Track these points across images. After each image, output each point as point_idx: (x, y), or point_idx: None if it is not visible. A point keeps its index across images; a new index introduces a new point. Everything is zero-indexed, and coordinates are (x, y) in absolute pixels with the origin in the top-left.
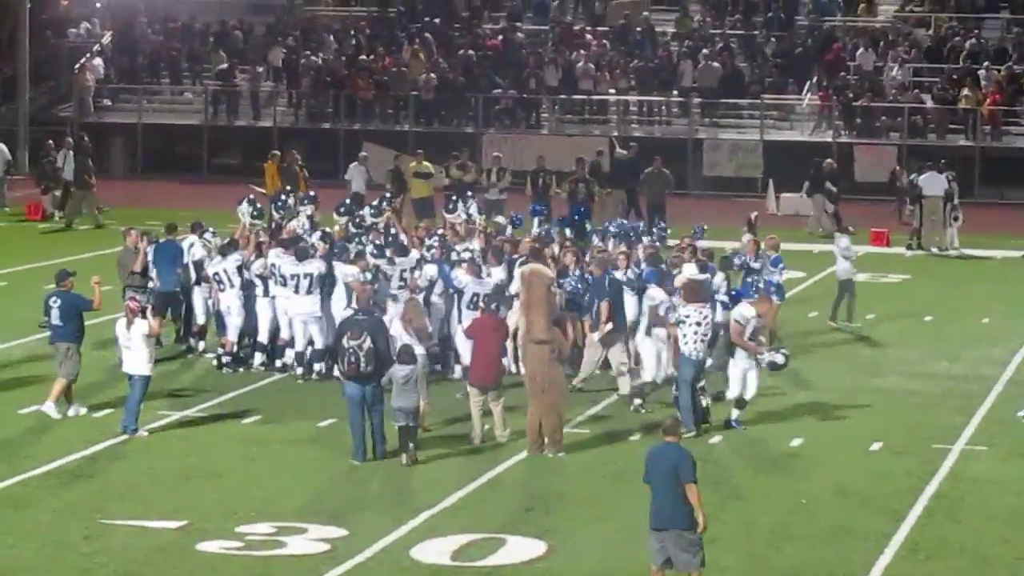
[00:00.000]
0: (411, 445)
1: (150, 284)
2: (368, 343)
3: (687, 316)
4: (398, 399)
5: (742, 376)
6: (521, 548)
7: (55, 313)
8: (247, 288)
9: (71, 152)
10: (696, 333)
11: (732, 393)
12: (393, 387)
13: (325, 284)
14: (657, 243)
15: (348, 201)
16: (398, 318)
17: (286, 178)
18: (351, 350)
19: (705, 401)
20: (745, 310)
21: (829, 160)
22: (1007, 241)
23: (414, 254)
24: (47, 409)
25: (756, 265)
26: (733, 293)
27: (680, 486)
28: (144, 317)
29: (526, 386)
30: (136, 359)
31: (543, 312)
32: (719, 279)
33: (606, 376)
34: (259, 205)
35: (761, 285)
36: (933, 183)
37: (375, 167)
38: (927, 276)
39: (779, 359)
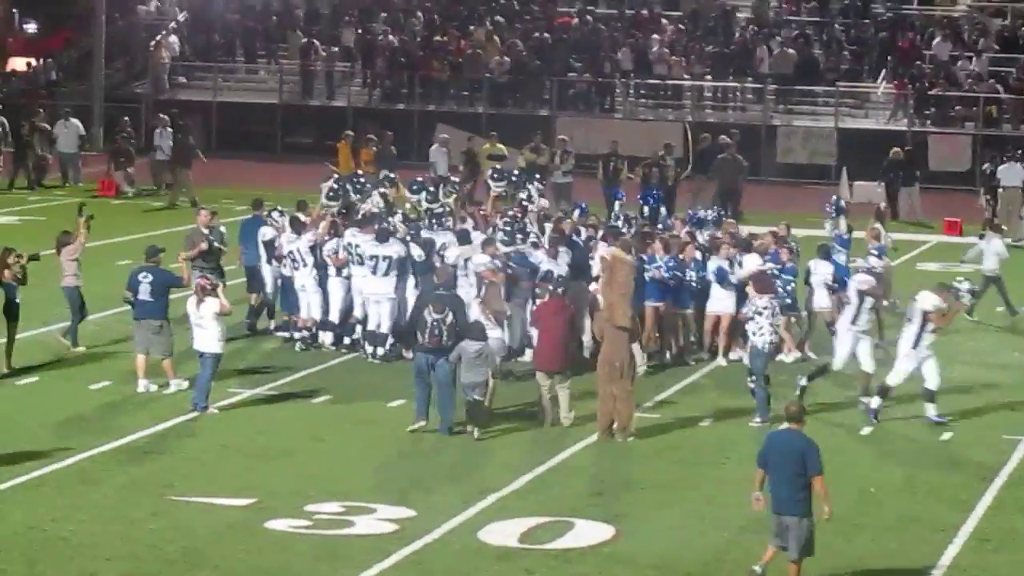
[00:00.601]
0: (481, 419)
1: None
2: (451, 317)
3: (764, 308)
4: (468, 374)
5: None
6: (589, 532)
7: (145, 288)
8: (320, 268)
9: (168, 129)
10: (771, 324)
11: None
12: (463, 362)
13: (403, 266)
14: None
15: (421, 180)
16: (476, 301)
17: (382, 160)
18: (435, 323)
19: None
20: (933, 299)
21: (897, 149)
22: None
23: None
24: (143, 387)
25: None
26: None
27: (800, 474)
28: (215, 295)
29: (599, 370)
30: (207, 337)
31: (626, 298)
32: (824, 265)
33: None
34: (336, 186)
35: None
36: (1011, 173)
37: (453, 149)
38: (1001, 267)
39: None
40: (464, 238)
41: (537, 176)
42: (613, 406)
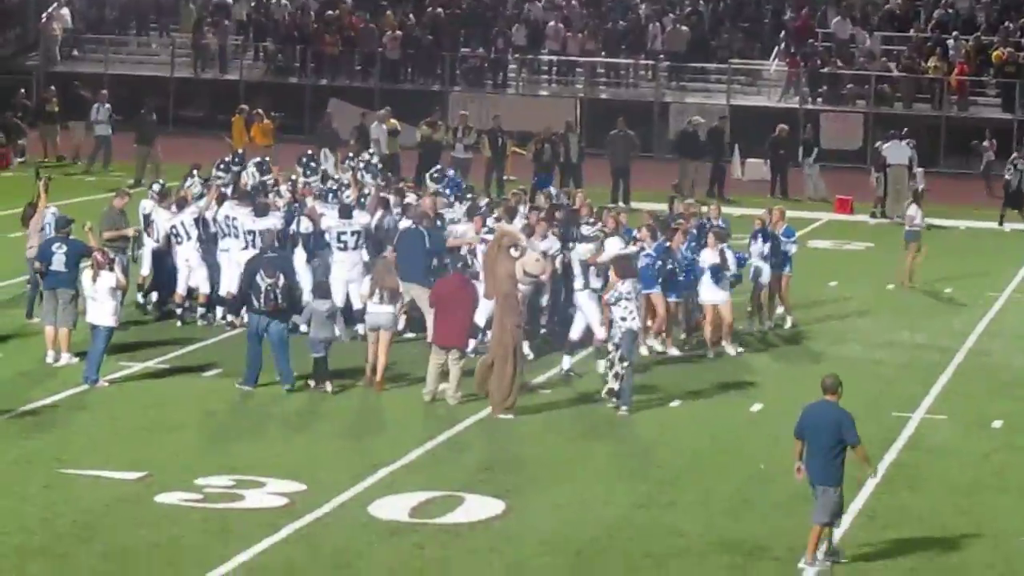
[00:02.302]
0: (327, 374)
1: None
2: (283, 280)
3: (629, 292)
4: (318, 331)
5: None
6: (479, 507)
7: (59, 259)
8: (207, 242)
9: (107, 105)
10: (637, 308)
11: None
12: (313, 321)
13: (284, 240)
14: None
15: (310, 152)
16: (368, 277)
17: (322, 139)
18: (268, 288)
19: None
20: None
21: (783, 126)
22: (971, 212)
23: (361, 216)
24: (64, 360)
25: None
26: (738, 257)
27: (834, 444)
28: (111, 270)
29: (494, 349)
30: (101, 310)
31: (495, 273)
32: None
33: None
34: (228, 160)
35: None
36: (897, 152)
37: (344, 124)
38: (890, 245)
39: None
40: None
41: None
42: (487, 377)
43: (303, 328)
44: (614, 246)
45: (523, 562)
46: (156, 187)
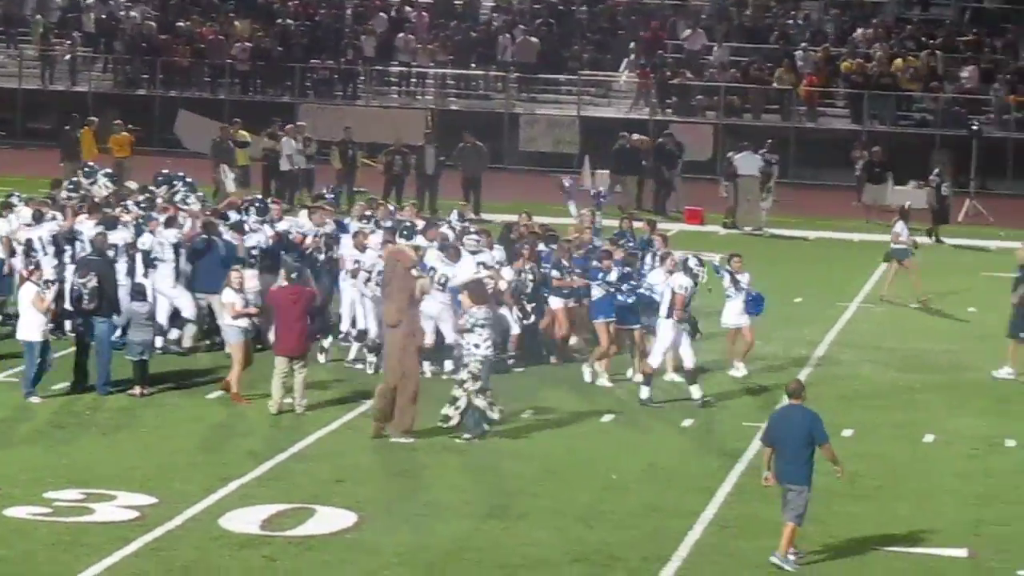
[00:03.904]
0: (146, 378)
1: None
2: (93, 282)
3: (484, 319)
4: (136, 333)
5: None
6: (331, 518)
7: None
8: (59, 255)
9: None
10: (491, 336)
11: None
12: (131, 324)
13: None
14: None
15: (166, 171)
16: (228, 285)
17: (218, 152)
18: (77, 287)
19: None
20: (683, 280)
21: (624, 134)
22: (821, 222)
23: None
24: None
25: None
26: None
27: (806, 446)
28: (36, 283)
29: (385, 370)
30: (24, 325)
31: (400, 296)
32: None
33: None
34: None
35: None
36: (748, 162)
37: (193, 136)
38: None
39: None
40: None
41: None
42: (393, 403)
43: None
44: (468, 270)
45: (375, 573)
46: (14, 199)
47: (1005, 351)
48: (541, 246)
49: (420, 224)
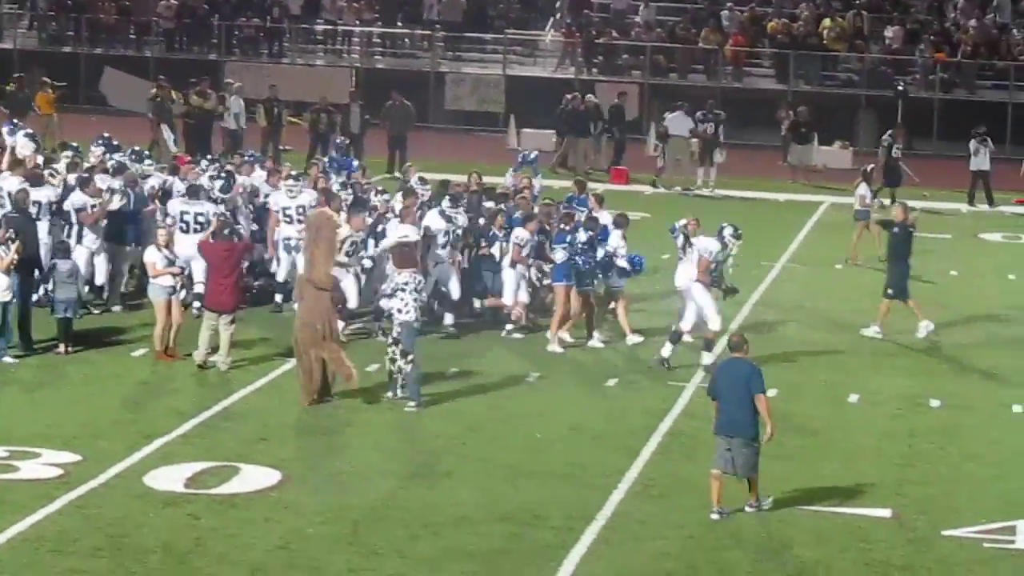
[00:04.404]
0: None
1: None
2: (14, 237)
3: (406, 283)
4: (61, 291)
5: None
6: (255, 477)
7: None
8: None
9: None
10: (416, 300)
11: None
12: (55, 281)
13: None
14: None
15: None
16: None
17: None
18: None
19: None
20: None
21: (569, 96)
22: (746, 182)
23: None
24: None
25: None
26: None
27: (748, 397)
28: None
29: (299, 334)
30: None
31: (329, 258)
32: (617, 238)
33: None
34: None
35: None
36: (679, 123)
37: (119, 94)
38: (666, 215)
39: None
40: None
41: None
42: (321, 371)
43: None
44: (395, 232)
45: (300, 531)
46: None
47: (925, 311)
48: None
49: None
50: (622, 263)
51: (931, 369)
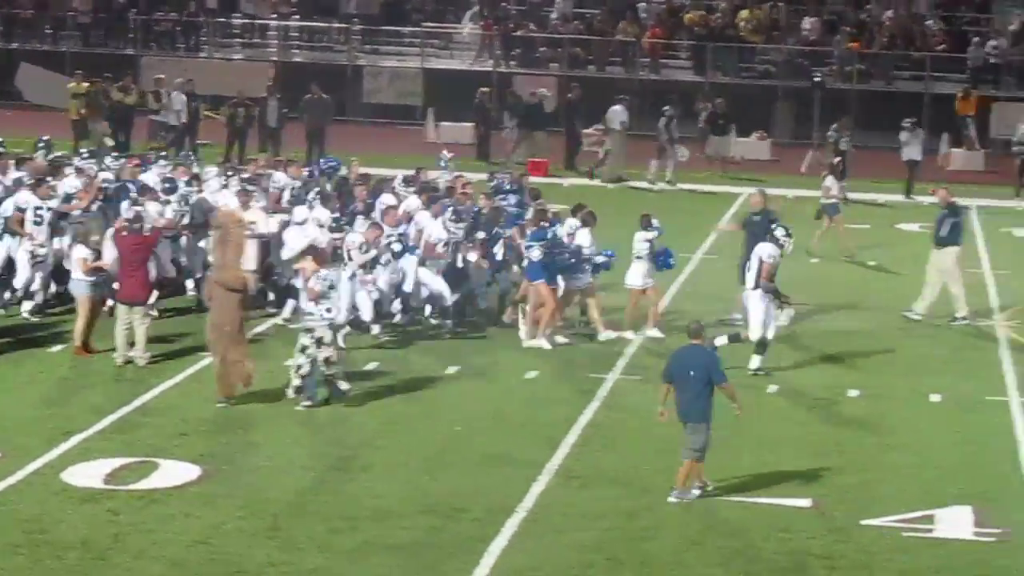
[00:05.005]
0: None
1: None
2: None
3: (334, 281)
4: None
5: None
6: (174, 472)
7: None
8: None
9: None
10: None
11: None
12: None
13: None
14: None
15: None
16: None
17: None
18: None
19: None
20: (771, 250)
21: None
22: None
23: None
24: None
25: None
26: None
27: (705, 384)
28: None
29: (210, 335)
30: None
31: (239, 259)
32: (586, 236)
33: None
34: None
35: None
36: (615, 116)
37: (35, 89)
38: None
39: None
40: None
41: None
42: (232, 369)
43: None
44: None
45: (219, 526)
46: None
47: (842, 301)
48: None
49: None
50: (599, 259)
51: (851, 361)
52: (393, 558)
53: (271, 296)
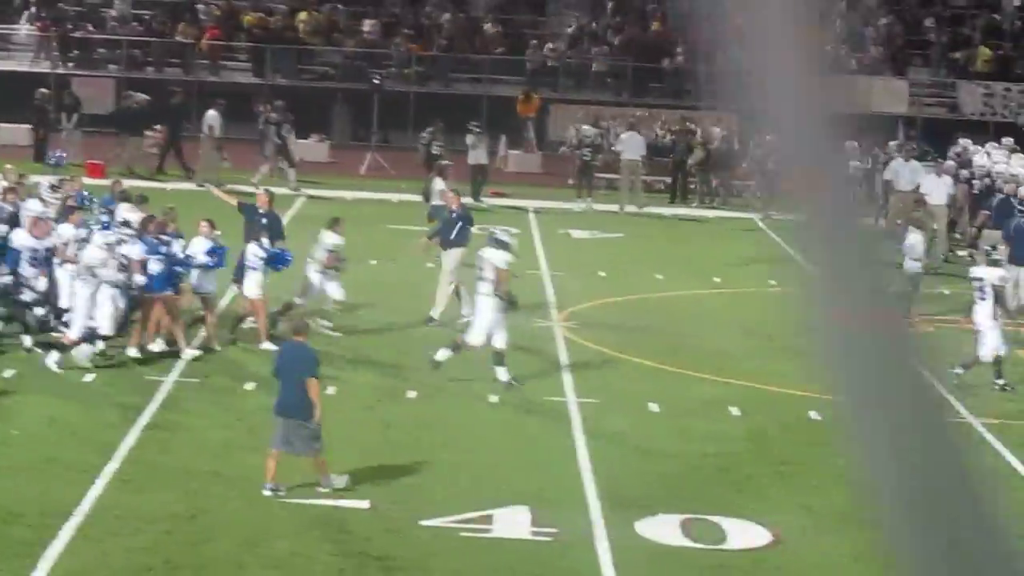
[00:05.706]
0: None
1: None
2: None
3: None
4: None
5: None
6: None
7: None
8: None
9: None
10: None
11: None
12: None
13: None
14: None
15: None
16: None
17: None
18: None
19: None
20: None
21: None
22: (227, 175)
23: None
24: None
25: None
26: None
27: (303, 380)
28: None
29: None
30: None
31: None
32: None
33: None
34: None
35: None
36: (210, 121)
37: None
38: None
39: None
40: None
41: None
42: None
43: None
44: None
45: None
46: None
47: (403, 301)
48: None
49: None
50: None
51: (405, 360)
52: None
53: None
